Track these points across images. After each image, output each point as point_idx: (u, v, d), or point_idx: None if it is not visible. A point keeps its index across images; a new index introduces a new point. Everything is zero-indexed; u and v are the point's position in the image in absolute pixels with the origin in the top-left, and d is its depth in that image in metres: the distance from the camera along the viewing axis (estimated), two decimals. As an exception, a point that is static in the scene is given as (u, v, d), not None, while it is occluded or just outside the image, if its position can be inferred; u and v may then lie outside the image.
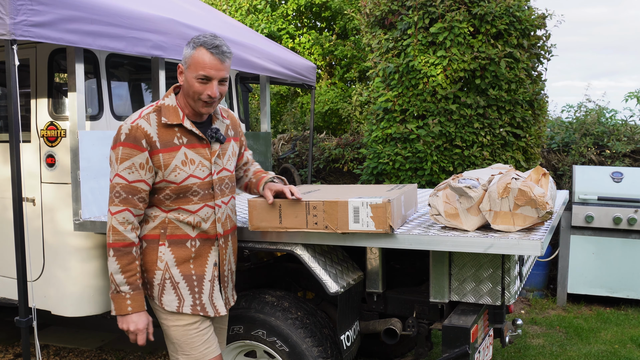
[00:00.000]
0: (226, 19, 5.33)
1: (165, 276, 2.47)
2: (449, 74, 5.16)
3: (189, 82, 2.38)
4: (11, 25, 2.73)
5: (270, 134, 5.50)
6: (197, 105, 2.42)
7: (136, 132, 2.36)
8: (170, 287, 2.47)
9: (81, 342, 4.60)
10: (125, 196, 2.37)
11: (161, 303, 2.48)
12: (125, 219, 2.37)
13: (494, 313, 2.98)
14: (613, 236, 5.44)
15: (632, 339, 4.74)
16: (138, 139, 2.36)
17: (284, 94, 10.10)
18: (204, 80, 2.36)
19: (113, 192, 2.38)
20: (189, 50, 2.38)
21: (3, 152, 3.75)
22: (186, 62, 2.38)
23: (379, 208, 2.56)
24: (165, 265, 2.46)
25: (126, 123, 2.39)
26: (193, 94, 2.39)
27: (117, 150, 2.38)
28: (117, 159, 2.37)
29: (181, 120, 2.42)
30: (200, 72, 2.35)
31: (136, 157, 2.36)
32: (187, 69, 2.38)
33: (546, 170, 2.78)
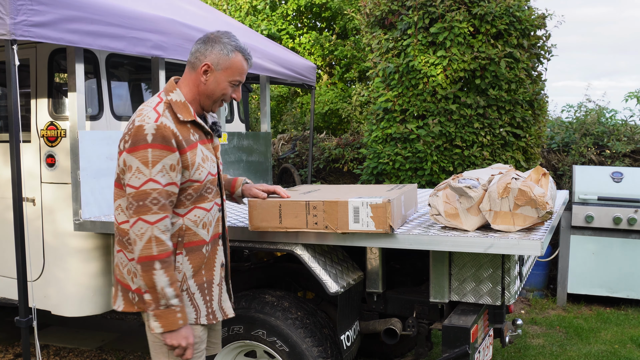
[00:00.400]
0: (226, 19, 5.34)
1: (183, 287, 2.33)
2: (449, 74, 5.16)
3: (219, 83, 2.36)
4: (11, 25, 2.73)
5: (270, 134, 5.50)
6: (214, 104, 2.41)
7: (164, 132, 2.20)
8: (187, 298, 2.34)
9: (81, 342, 4.60)
10: (164, 202, 2.20)
11: None
12: (166, 227, 2.20)
13: (494, 313, 2.98)
14: (613, 236, 5.44)
15: (632, 339, 4.74)
16: (167, 139, 2.20)
17: (284, 95, 10.10)
18: (236, 85, 2.39)
19: (149, 200, 2.17)
20: (224, 52, 2.34)
21: (3, 152, 3.75)
22: (220, 64, 2.34)
23: (379, 208, 2.56)
24: (184, 276, 2.33)
25: (147, 122, 2.20)
26: (218, 95, 2.38)
27: (145, 152, 2.18)
28: (148, 162, 2.17)
29: (193, 116, 2.36)
30: (237, 77, 2.37)
31: (166, 158, 2.20)
32: (220, 70, 2.35)
33: (546, 170, 2.78)
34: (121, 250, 2.37)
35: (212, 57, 2.34)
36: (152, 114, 2.24)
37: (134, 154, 2.19)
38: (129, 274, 2.35)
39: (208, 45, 2.35)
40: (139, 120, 2.23)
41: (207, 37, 2.38)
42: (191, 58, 2.39)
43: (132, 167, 2.19)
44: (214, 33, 2.39)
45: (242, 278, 3.41)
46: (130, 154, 2.20)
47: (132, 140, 2.20)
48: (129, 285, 2.37)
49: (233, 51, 2.34)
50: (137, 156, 2.19)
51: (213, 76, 2.35)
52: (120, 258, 2.39)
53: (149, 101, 2.35)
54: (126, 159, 2.21)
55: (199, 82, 2.36)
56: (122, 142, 2.28)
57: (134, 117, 2.29)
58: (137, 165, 2.18)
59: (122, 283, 2.40)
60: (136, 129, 2.21)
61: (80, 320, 3.67)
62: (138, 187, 2.18)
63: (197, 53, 2.37)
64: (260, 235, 2.83)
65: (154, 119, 2.22)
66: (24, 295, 2.87)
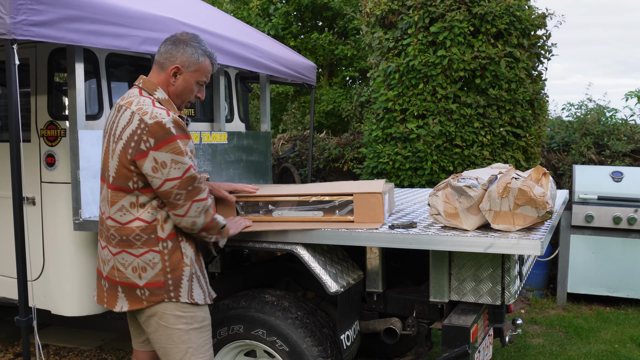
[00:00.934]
0: (226, 17, 5.33)
1: (192, 271, 2.48)
2: (449, 73, 5.16)
3: (188, 84, 2.52)
4: (11, 24, 2.73)
5: (270, 133, 5.50)
6: (182, 104, 2.57)
7: (180, 122, 2.36)
8: (196, 281, 2.50)
9: (81, 342, 4.60)
10: (200, 177, 2.42)
11: (193, 298, 2.47)
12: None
13: (494, 312, 2.98)
14: (613, 236, 5.44)
15: (632, 339, 4.74)
16: (184, 128, 2.37)
17: (288, 93, 10.10)
18: (202, 86, 2.58)
19: (195, 183, 2.37)
20: (195, 56, 2.49)
21: (3, 152, 3.75)
22: (190, 66, 2.49)
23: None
24: (190, 260, 2.48)
25: (163, 117, 2.32)
26: (186, 96, 2.55)
27: (175, 144, 2.31)
28: (182, 151, 2.32)
29: (178, 112, 2.51)
30: (204, 79, 2.55)
31: (189, 144, 2.38)
32: (190, 72, 2.51)
33: (546, 170, 2.78)
34: (123, 250, 2.43)
35: (183, 60, 2.48)
36: (158, 110, 2.36)
37: (163, 149, 2.30)
38: (135, 272, 2.43)
39: (179, 48, 2.48)
40: (149, 117, 2.32)
41: (177, 39, 2.50)
42: (160, 58, 2.51)
43: (167, 162, 2.30)
44: (183, 35, 2.53)
45: (242, 278, 3.41)
46: (159, 151, 2.30)
47: (156, 137, 2.30)
48: (135, 283, 2.44)
49: (203, 55, 2.52)
50: (167, 150, 2.30)
51: (182, 77, 2.50)
52: (121, 259, 2.44)
53: (139, 100, 2.41)
54: (156, 157, 2.30)
55: (168, 83, 2.50)
56: (136, 142, 2.30)
57: (136, 117, 2.33)
58: (172, 157, 2.31)
59: (125, 284, 2.46)
60: (155, 126, 2.30)
61: (80, 319, 3.67)
62: (182, 176, 2.33)
63: (166, 54, 2.49)
64: (260, 235, 2.84)
65: (166, 114, 2.34)
66: (23, 294, 2.87)
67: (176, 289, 2.44)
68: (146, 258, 2.41)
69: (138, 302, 2.45)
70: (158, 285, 2.42)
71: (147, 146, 2.29)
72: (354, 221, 2.77)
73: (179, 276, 2.44)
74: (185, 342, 2.48)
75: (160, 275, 2.42)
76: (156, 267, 2.41)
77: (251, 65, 4.64)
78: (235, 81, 5.36)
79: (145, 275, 2.41)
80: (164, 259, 2.41)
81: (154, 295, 2.42)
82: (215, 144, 4.63)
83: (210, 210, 2.45)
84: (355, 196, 2.72)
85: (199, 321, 2.51)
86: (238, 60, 4.45)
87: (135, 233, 2.40)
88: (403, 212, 3.30)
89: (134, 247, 2.41)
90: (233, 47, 4.36)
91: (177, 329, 2.46)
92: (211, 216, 2.46)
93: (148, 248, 2.40)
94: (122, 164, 2.35)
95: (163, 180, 2.31)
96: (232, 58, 4.37)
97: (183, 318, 2.46)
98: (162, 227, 2.42)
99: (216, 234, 2.54)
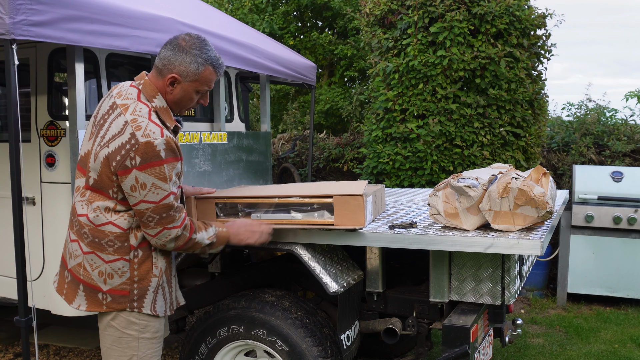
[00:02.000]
0: (226, 17, 5.33)
1: (159, 282, 2.41)
2: (448, 73, 5.16)
3: (187, 94, 2.39)
4: (11, 24, 2.73)
5: (270, 133, 5.50)
6: (181, 110, 2.47)
7: (172, 145, 2.26)
8: (161, 292, 2.43)
9: (81, 342, 4.60)
10: (179, 205, 2.34)
11: (155, 310, 2.41)
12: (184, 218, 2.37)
13: (494, 312, 2.98)
14: (613, 236, 5.44)
15: (632, 339, 4.74)
16: (175, 151, 2.27)
17: (288, 92, 10.11)
18: (203, 93, 2.45)
19: (172, 211, 2.29)
20: (193, 65, 2.34)
21: (3, 152, 3.75)
22: (188, 76, 2.35)
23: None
24: (160, 271, 2.40)
25: (155, 138, 2.21)
26: (186, 103, 2.42)
27: (161, 168, 2.22)
28: (166, 177, 2.23)
29: (175, 122, 2.40)
30: (205, 87, 2.41)
31: (176, 167, 2.29)
32: (188, 81, 2.36)
33: (546, 170, 2.78)
34: (93, 252, 2.35)
35: (181, 69, 2.34)
36: (153, 127, 2.24)
37: (147, 171, 2.21)
38: (101, 276, 2.35)
39: (178, 56, 2.33)
40: (142, 135, 2.20)
41: (178, 45, 2.35)
42: (159, 63, 2.37)
43: (147, 184, 2.22)
44: (185, 39, 2.36)
45: (242, 278, 3.41)
46: (143, 172, 2.21)
47: (143, 157, 2.20)
48: (98, 286, 2.37)
49: (203, 64, 2.35)
50: (151, 173, 2.21)
51: (180, 87, 2.37)
52: (90, 259, 2.36)
53: (135, 107, 2.29)
54: (138, 177, 2.21)
55: (165, 90, 2.37)
56: (122, 156, 2.21)
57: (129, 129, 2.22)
58: (153, 181, 2.22)
59: (89, 284, 2.38)
60: (145, 146, 2.19)
61: (80, 319, 3.67)
62: (158, 202, 2.26)
63: (164, 60, 2.35)
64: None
65: (159, 134, 2.23)
66: (23, 294, 2.87)
67: (140, 299, 2.37)
68: (115, 266, 2.33)
69: (97, 306, 2.37)
70: (122, 294, 2.35)
71: (132, 164, 2.21)
72: (334, 224, 2.67)
73: (145, 287, 2.37)
74: (132, 348, 2.41)
75: (127, 284, 2.35)
76: (124, 275, 2.34)
77: (251, 66, 4.64)
78: (235, 81, 5.36)
79: (110, 281, 2.34)
80: (132, 268, 2.34)
81: (115, 303, 2.35)
82: (215, 144, 4.63)
83: (184, 236, 2.35)
84: (335, 198, 2.64)
85: (151, 332, 2.43)
86: (238, 61, 4.45)
87: (108, 238, 2.33)
88: (403, 212, 3.29)
89: (105, 252, 2.33)
90: (233, 48, 4.36)
91: (127, 334, 2.40)
92: (184, 240, 2.36)
93: (119, 256, 2.33)
94: (105, 172, 2.27)
95: (139, 200, 2.25)
96: (232, 59, 4.37)
97: (135, 325, 2.39)
98: (135, 235, 2.34)
99: (198, 249, 2.47)
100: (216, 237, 2.49)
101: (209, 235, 2.46)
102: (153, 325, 2.43)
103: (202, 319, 3.11)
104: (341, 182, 3.27)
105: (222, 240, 2.53)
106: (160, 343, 2.50)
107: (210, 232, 2.47)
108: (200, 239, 2.42)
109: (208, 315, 3.08)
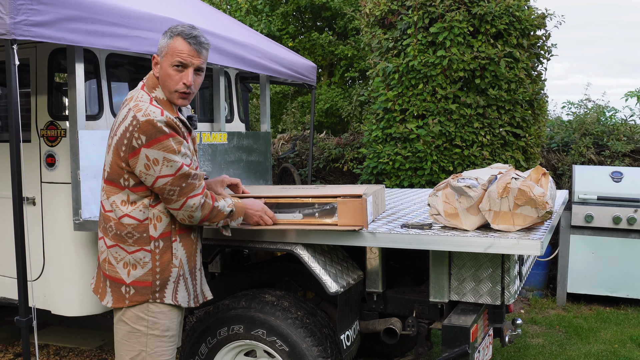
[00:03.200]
0: (226, 18, 5.33)
1: (180, 273, 2.45)
2: (448, 73, 5.16)
3: (165, 71, 2.38)
4: (11, 24, 2.73)
5: (270, 133, 5.51)
6: (172, 97, 2.42)
7: (172, 123, 2.30)
8: (182, 282, 2.47)
9: (81, 342, 4.60)
10: (199, 174, 2.38)
11: (177, 300, 2.45)
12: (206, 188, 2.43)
13: (494, 312, 2.99)
14: (613, 236, 5.44)
15: (631, 339, 4.75)
16: (177, 129, 2.32)
17: (286, 93, 10.12)
18: (180, 68, 2.37)
19: (190, 179, 2.32)
20: (165, 39, 2.38)
21: (3, 152, 3.75)
22: (162, 52, 2.38)
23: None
24: (180, 261, 2.45)
25: (155, 116, 2.26)
26: (170, 84, 2.39)
27: (168, 142, 2.26)
28: (174, 150, 2.27)
29: (176, 113, 2.43)
30: (176, 58, 2.35)
31: (184, 144, 2.34)
32: (162, 58, 2.38)
33: (546, 170, 2.78)
34: (117, 244, 2.41)
35: (158, 48, 2.41)
36: (153, 108, 2.30)
37: (155, 147, 2.26)
38: (125, 267, 2.40)
39: (160, 39, 2.41)
40: (142, 115, 2.27)
41: (164, 32, 2.42)
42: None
43: (159, 159, 2.26)
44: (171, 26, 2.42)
45: (242, 278, 3.41)
46: (151, 148, 2.26)
47: (147, 135, 2.25)
48: (122, 279, 2.41)
49: (172, 37, 2.37)
50: (159, 148, 2.26)
51: (160, 66, 2.41)
52: (114, 252, 2.42)
53: (138, 95, 2.37)
54: (148, 154, 2.26)
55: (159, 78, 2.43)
56: (128, 139, 2.27)
57: (131, 114, 2.30)
58: (164, 155, 2.27)
59: (114, 278, 2.43)
60: (146, 124, 2.25)
61: (80, 319, 3.67)
62: (174, 174, 2.29)
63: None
64: (259, 234, 2.84)
65: (160, 113, 2.29)
66: (23, 294, 2.87)
67: (162, 290, 2.41)
68: (137, 256, 2.39)
69: (121, 300, 2.42)
70: (145, 285, 2.39)
71: (138, 143, 2.26)
72: (338, 224, 2.68)
73: (167, 277, 2.42)
74: (140, 344, 2.43)
75: (149, 275, 2.39)
76: (146, 266, 2.39)
77: (251, 67, 4.65)
78: (235, 81, 5.36)
79: (134, 272, 2.39)
80: (154, 258, 2.39)
81: (138, 295, 2.40)
82: (215, 144, 4.63)
83: (207, 203, 2.40)
84: (339, 200, 2.65)
85: (160, 329, 2.45)
86: (238, 62, 4.46)
87: (127, 230, 2.39)
88: (403, 212, 3.30)
89: (126, 243, 2.39)
90: (233, 48, 4.36)
91: (136, 329, 2.43)
92: (209, 207, 2.40)
93: (139, 247, 2.38)
94: (115, 161, 2.34)
95: (155, 177, 2.29)
96: (233, 59, 4.37)
97: (144, 320, 2.42)
98: (154, 226, 2.39)
99: (221, 220, 2.49)
100: (234, 206, 2.52)
101: (228, 204, 2.50)
102: (163, 323, 2.45)
103: (202, 319, 3.11)
104: (341, 185, 3.29)
105: (240, 211, 2.56)
106: (172, 343, 2.51)
107: (229, 201, 2.51)
108: (222, 207, 2.46)
109: (208, 315, 3.09)
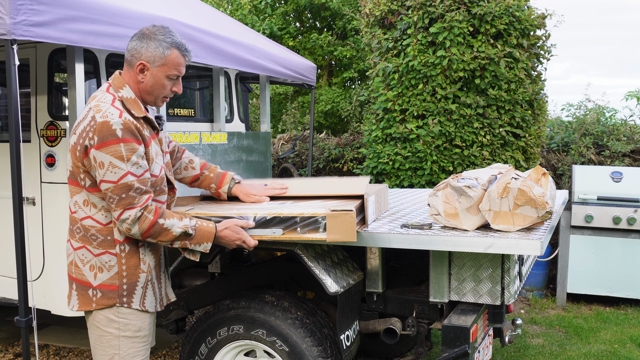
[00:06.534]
0: (226, 18, 5.34)
1: (148, 278, 2.42)
2: (448, 73, 5.16)
3: (158, 80, 2.38)
4: (11, 25, 2.73)
5: (270, 134, 5.51)
6: (157, 100, 2.44)
7: (130, 126, 2.25)
8: (150, 288, 2.44)
9: (81, 342, 4.60)
10: (145, 188, 2.29)
11: (144, 306, 2.41)
12: (149, 203, 2.29)
13: (494, 313, 2.99)
14: (612, 236, 5.44)
15: (631, 339, 4.75)
16: (134, 133, 2.26)
17: (287, 94, 10.12)
18: (174, 79, 2.42)
19: (132, 191, 2.24)
20: (159, 49, 2.35)
21: (3, 152, 3.75)
22: (155, 61, 2.36)
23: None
24: (148, 267, 2.42)
25: (112, 118, 2.23)
26: (159, 92, 2.40)
27: (117, 147, 2.21)
28: (123, 156, 2.21)
29: (145, 113, 2.39)
30: (174, 72, 2.39)
31: (138, 150, 2.26)
32: (157, 67, 2.37)
33: (546, 170, 2.78)
34: (84, 246, 2.37)
35: (148, 55, 2.36)
36: (113, 110, 2.27)
37: (104, 150, 2.22)
38: (92, 270, 2.37)
39: (143, 43, 2.36)
40: (100, 116, 2.24)
41: (143, 34, 2.38)
42: (127, 55, 2.41)
43: (105, 163, 2.23)
44: (149, 28, 2.39)
45: (242, 278, 3.41)
46: (100, 150, 2.22)
47: (100, 136, 2.22)
48: (89, 282, 2.38)
49: (169, 48, 2.37)
50: (107, 151, 2.22)
51: (150, 73, 2.38)
52: (81, 254, 2.38)
53: (101, 96, 2.34)
54: (96, 156, 2.23)
55: (137, 80, 2.39)
56: (83, 138, 2.25)
57: (91, 113, 2.27)
58: (110, 160, 2.22)
59: (80, 281, 2.40)
60: (101, 125, 2.22)
61: (80, 319, 3.67)
62: (116, 181, 2.23)
63: (132, 51, 2.38)
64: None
65: (118, 115, 2.25)
66: (23, 294, 2.87)
67: (129, 295, 2.38)
68: (102, 259, 2.35)
69: (87, 304, 2.38)
70: (112, 288, 2.36)
71: (90, 143, 2.23)
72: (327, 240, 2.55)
73: (134, 282, 2.38)
74: (113, 347, 2.40)
75: (115, 279, 2.36)
76: (112, 269, 2.35)
77: (251, 67, 4.65)
78: (235, 81, 5.37)
79: (100, 275, 2.35)
80: (120, 262, 2.35)
81: (105, 298, 2.36)
82: (215, 144, 4.64)
83: (146, 218, 2.27)
84: (328, 214, 2.52)
85: (132, 330, 2.41)
86: (238, 62, 4.46)
87: (91, 232, 2.35)
88: (403, 212, 3.30)
89: (92, 245, 2.35)
90: (233, 49, 4.37)
91: (107, 332, 2.40)
92: (149, 223, 2.27)
93: (104, 249, 2.34)
94: (73, 159, 2.32)
95: (100, 180, 2.26)
96: (233, 60, 4.37)
97: (115, 323, 2.39)
98: (119, 230, 2.34)
99: (175, 241, 2.38)
100: (195, 229, 2.38)
101: (183, 224, 2.36)
102: (134, 324, 2.42)
103: (202, 319, 3.11)
104: (343, 178, 3.26)
105: (205, 236, 2.41)
106: (144, 343, 2.48)
107: (187, 223, 2.37)
108: (169, 225, 2.32)
109: (208, 315, 3.09)
